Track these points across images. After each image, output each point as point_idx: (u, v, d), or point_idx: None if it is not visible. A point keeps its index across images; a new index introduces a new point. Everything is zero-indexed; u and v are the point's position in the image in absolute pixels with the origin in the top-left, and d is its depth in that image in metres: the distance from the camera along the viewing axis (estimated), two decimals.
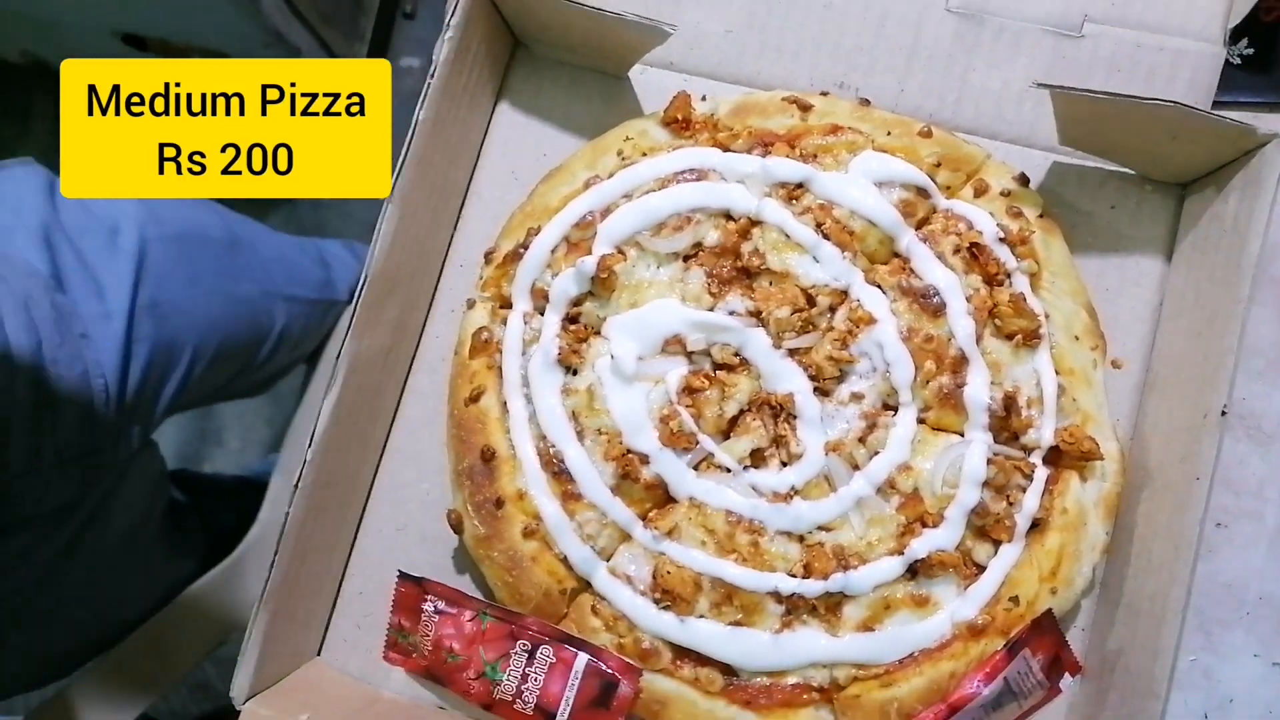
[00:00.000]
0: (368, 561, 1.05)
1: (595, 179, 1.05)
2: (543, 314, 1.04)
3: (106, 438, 1.29)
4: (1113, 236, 1.03)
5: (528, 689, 0.97)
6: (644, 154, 1.06)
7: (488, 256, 1.07)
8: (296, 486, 0.93)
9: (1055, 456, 0.95)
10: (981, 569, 0.94)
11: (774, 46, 1.11)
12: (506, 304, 1.05)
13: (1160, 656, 0.84)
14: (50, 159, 1.42)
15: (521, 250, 1.04)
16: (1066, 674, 0.95)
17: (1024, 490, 0.93)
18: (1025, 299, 0.96)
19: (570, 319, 1.02)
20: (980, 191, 1.02)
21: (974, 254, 0.97)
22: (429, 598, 0.99)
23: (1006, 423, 0.95)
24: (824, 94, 1.07)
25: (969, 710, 0.89)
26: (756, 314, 1.00)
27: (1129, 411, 1.01)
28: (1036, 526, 0.93)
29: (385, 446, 1.08)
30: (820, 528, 0.96)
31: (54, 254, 1.28)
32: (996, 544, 0.94)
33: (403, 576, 0.98)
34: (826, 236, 0.99)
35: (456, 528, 1.01)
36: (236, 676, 0.91)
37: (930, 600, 0.94)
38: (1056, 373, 0.96)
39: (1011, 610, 0.92)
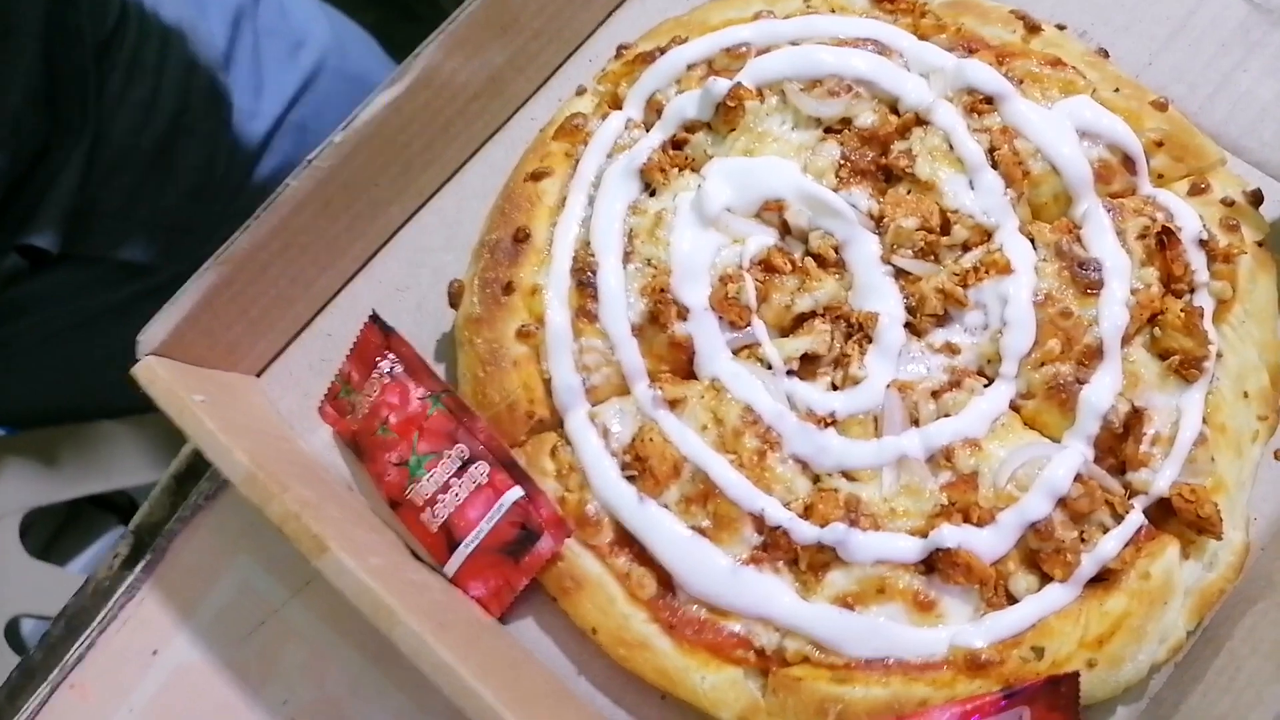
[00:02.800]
0: (353, 305, 0.92)
1: (769, 14, 0.91)
2: (649, 131, 0.90)
3: (199, 220, 1.27)
4: None
5: (443, 501, 0.82)
6: (833, 10, 0.92)
7: (619, 50, 0.94)
8: (311, 160, 0.81)
9: (1161, 514, 0.75)
10: (1013, 602, 0.74)
11: None
12: (618, 105, 0.92)
13: None
14: None
15: (658, 54, 0.91)
16: None
17: (1105, 532, 0.73)
18: (1202, 318, 0.76)
19: (676, 143, 0.88)
20: (1197, 191, 0.82)
21: (1162, 244, 0.78)
22: (389, 355, 0.85)
23: (1119, 446, 0.75)
24: (1060, 27, 0.90)
25: None
26: (878, 219, 0.83)
27: (1274, 514, 0.78)
28: (1103, 580, 0.73)
29: (429, 201, 0.95)
30: (844, 473, 0.78)
31: (235, 37, 1.30)
32: (1045, 580, 0.74)
33: (374, 319, 0.85)
34: (995, 164, 0.82)
35: (454, 299, 0.87)
36: (150, 324, 0.79)
37: (935, 608, 0.74)
38: (1204, 421, 0.75)
39: (1029, 662, 0.71)
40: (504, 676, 0.72)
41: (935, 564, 0.74)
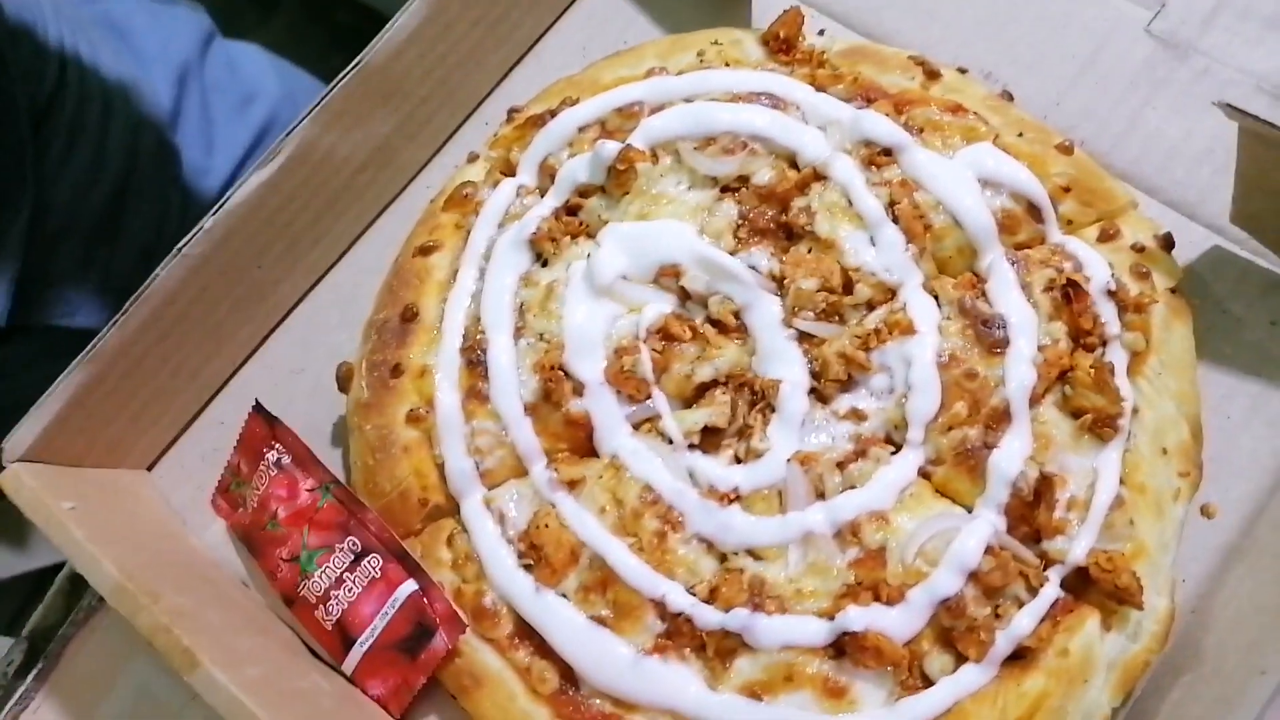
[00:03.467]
0: (245, 390, 0.89)
1: (662, 71, 0.89)
2: (543, 196, 0.87)
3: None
4: (1259, 358, 0.79)
5: (336, 598, 0.78)
6: (727, 64, 0.89)
7: (511, 114, 0.91)
8: (181, 249, 0.78)
9: (1079, 584, 0.71)
10: (929, 684, 0.70)
11: (927, 9, 0.92)
12: (510, 171, 0.89)
13: None
14: (286, 50, 1.46)
15: (549, 116, 0.88)
16: None
17: (1020, 606, 0.69)
18: (1113, 373, 0.73)
19: (570, 209, 0.85)
20: (1107, 237, 0.79)
21: (1068, 297, 0.75)
22: (275, 445, 0.81)
23: (1030, 514, 0.71)
24: (961, 70, 0.87)
25: None
26: (779, 280, 0.80)
27: (1202, 575, 0.75)
28: (1021, 658, 0.69)
29: (323, 278, 0.92)
30: (749, 552, 0.74)
31: (182, 95, 1.28)
32: (960, 660, 0.70)
33: (258, 409, 0.81)
34: (896, 219, 0.79)
35: (343, 383, 0.84)
36: (17, 429, 0.76)
37: (847, 695, 0.70)
38: (1121, 482, 0.72)
39: None
40: None
41: (845, 649, 0.70)
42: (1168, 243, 0.79)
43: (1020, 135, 0.82)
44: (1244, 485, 0.76)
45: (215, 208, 0.79)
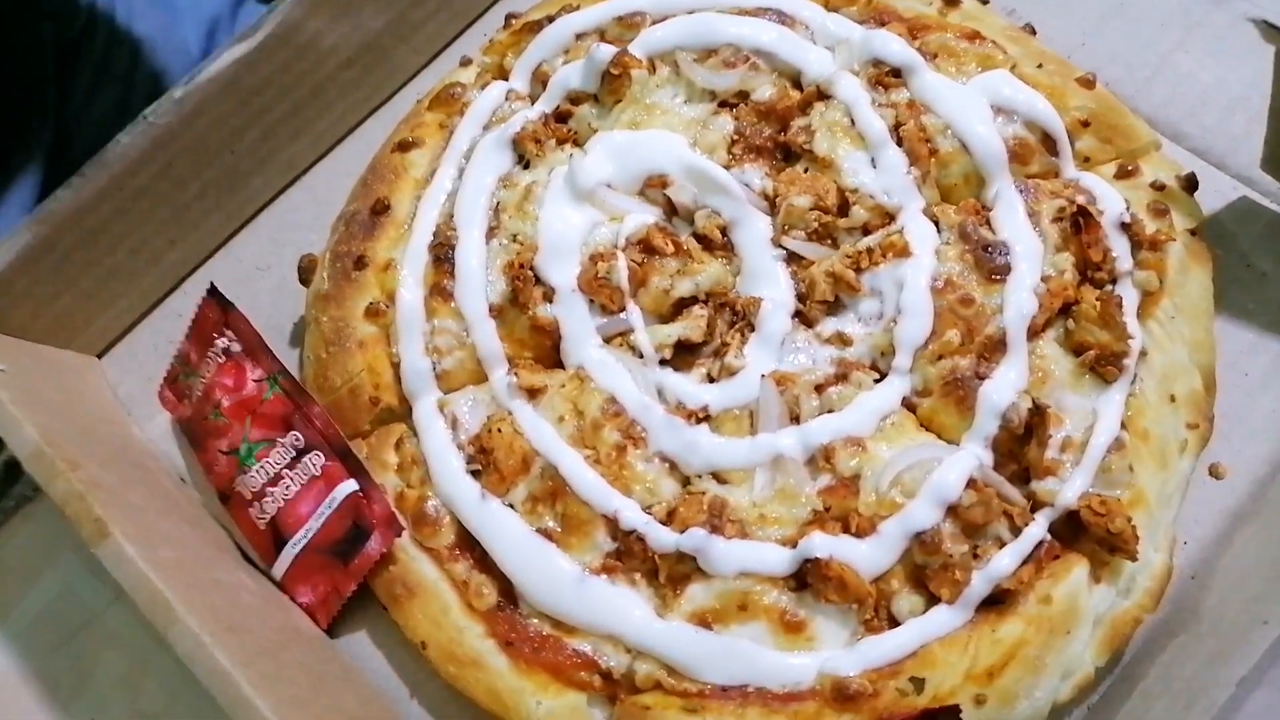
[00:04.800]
0: (208, 283, 0.84)
1: None
2: (534, 103, 0.83)
3: None
4: None
5: (273, 495, 0.73)
6: None
7: (508, 20, 0.87)
8: (146, 116, 0.74)
9: (1069, 532, 0.64)
10: (896, 626, 0.63)
11: None
12: (504, 77, 0.85)
13: None
14: None
15: (546, 23, 0.84)
16: None
17: (1002, 547, 0.63)
18: (1121, 308, 0.67)
19: (559, 116, 0.81)
20: (1125, 174, 0.74)
21: (1078, 226, 0.69)
22: (227, 332, 0.77)
23: (1020, 450, 0.65)
24: (983, 1, 0.82)
25: None
26: (771, 200, 0.75)
27: (1206, 539, 0.68)
28: (998, 603, 0.62)
29: (299, 177, 0.88)
30: (714, 475, 0.68)
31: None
32: (931, 601, 0.63)
33: (212, 293, 0.77)
34: (900, 141, 0.74)
35: (304, 275, 0.80)
36: None
37: (805, 630, 0.64)
38: (1123, 427, 0.66)
39: (906, 696, 0.61)
40: (300, 691, 0.63)
41: (808, 579, 0.64)
42: (1190, 184, 0.73)
43: (1040, 67, 0.77)
44: (1258, 447, 0.70)
45: (186, 78, 0.75)
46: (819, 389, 0.69)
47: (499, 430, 0.70)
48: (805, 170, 0.76)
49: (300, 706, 0.61)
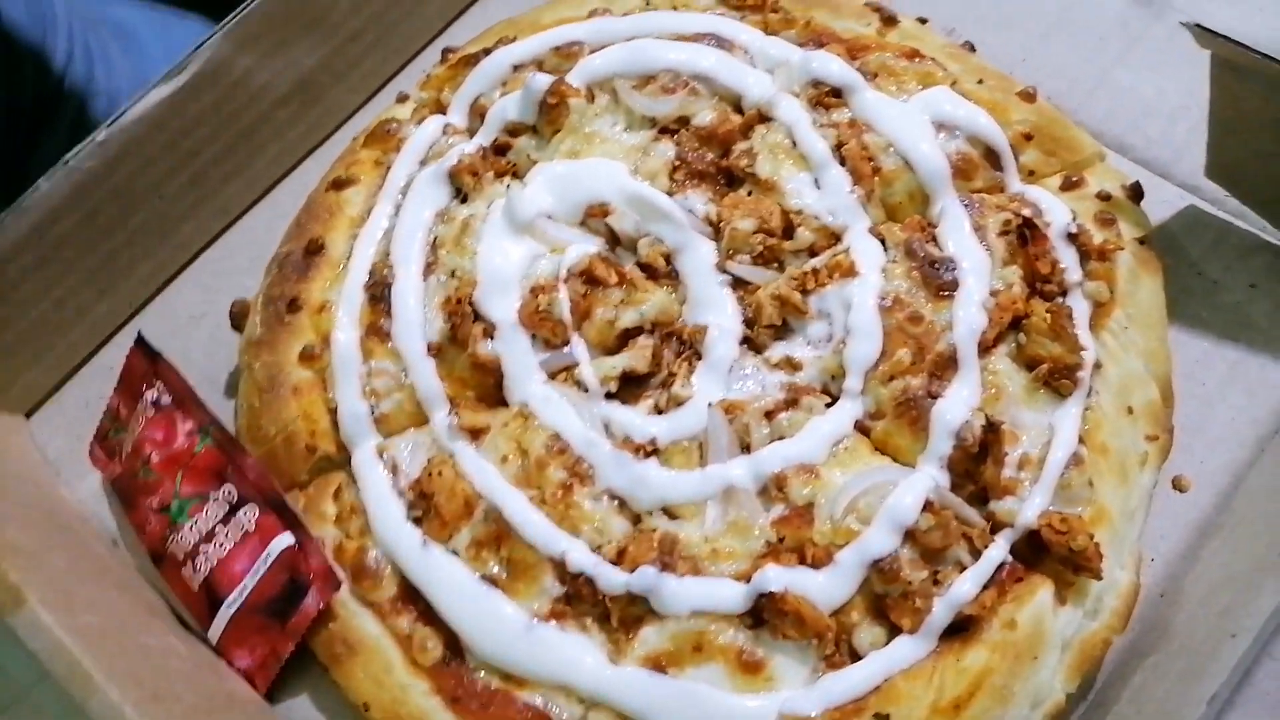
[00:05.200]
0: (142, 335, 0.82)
1: (605, 12, 0.84)
2: (471, 137, 0.81)
3: None
4: (1237, 322, 0.72)
5: (206, 553, 0.69)
6: (675, 7, 0.84)
7: (445, 54, 0.86)
8: (67, 161, 0.72)
9: (1031, 555, 0.62)
10: (856, 658, 0.61)
11: None
12: (441, 111, 0.83)
13: None
14: None
15: (483, 55, 0.83)
16: None
17: (962, 571, 0.61)
18: (1072, 319, 0.65)
19: (498, 149, 0.79)
20: (1071, 186, 0.73)
21: (1024, 238, 0.68)
22: (156, 383, 0.74)
23: (977, 470, 0.63)
24: (921, 20, 0.82)
25: None
26: (715, 225, 0.74)
27: (1173, 554, 0.66)
28: (962, 631, 0.60)
29: (236, 221, 0.86)
30: (665, 511, 0.66)
31: None
32: (894, 632, 0.61)
33: (139, 343, 0.75)
34: (843, 161, 0.73)
35: (236, 320, 0.77)
36: None
37: (764, 669, 0.61)
38: (1081, 442, 0.64)
39: None
40: None
41: (764, 616, 0.61)
42: (1136, 193, 0.73)
43: (980, 82, 0.76)
44: (1220, 457, 0.68)
45: (109, 120, 0.73)
46: (769, 415, 0.67)
47: (439, 474, 0.68)
48: (749, 194, 0.74)
49: None
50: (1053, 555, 0.61)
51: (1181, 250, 0.74)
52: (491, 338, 0.71)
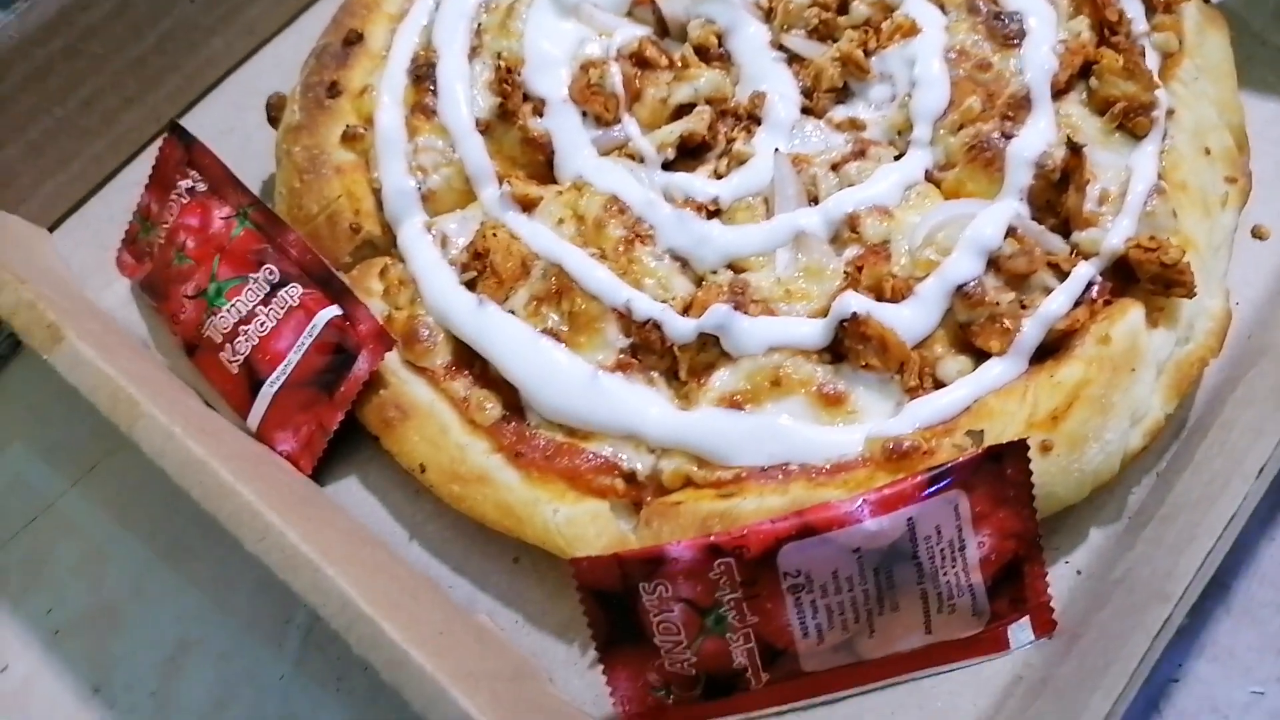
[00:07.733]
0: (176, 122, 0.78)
1: None
2: None
3: None
4: None
5: (245, 334, 0.66)
6: None
7: None
8: None
9: (1119, 285, 0.60)
10: (940, 386, 0.58)
11: None
12: None
13: (1195, 544, 0.45)
14: None
15: None
16: (1025, 620, 0.56)
17: (1048, 294, 0.58)
18: (1144, 57, 0.64)
19: None
20: None
21: None
22: (190, 172, 0.71)
23: (1058, 200, 0.61)
24: None
25: (833, 541, 0.52)
26: (766, 9, 0.72)
27: (1259, 299, 0.64)
28: (1053, 352, 0.57)
29: (265, 44, 0.83)
30: (731, 266, 0.63)
31: None
32: (980, 360, 0.58)
33: (174, 130, 0.71)
34: None
35: (273, 112, 0.74)
36: None
37: (845, 403, 0.58)
38: (1160, 178, 0.62)
39: (964, 449, 0.55)
40: (283, 495, 0.55)
41: (844, 352, 0.58)
42: None
43: None
44: None
45: None
46: (835, 167, 0.65)
47: (494, 234, 0.65)
48: None
49: (285, 497, 0.53)
50: (1142, 280, 0.58)
51: (1244, 23, 0.73)
52: (541, 115, 0.69)
